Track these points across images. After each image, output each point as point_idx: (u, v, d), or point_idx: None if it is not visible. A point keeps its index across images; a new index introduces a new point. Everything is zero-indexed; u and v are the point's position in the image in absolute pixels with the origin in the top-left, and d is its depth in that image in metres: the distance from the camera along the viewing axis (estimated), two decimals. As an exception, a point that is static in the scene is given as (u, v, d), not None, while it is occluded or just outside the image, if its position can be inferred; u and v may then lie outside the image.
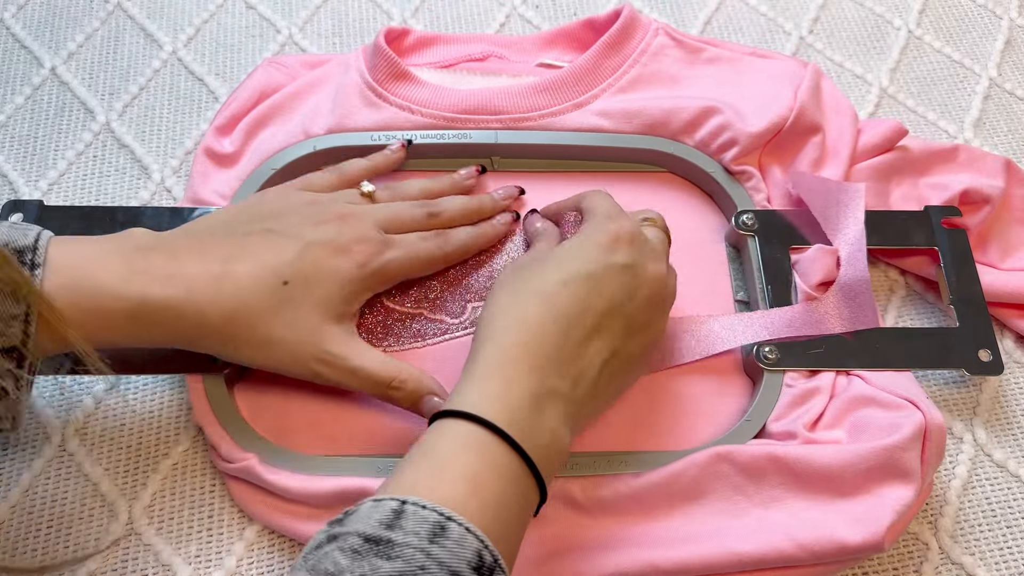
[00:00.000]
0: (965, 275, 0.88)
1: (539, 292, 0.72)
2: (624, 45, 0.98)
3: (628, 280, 0.74)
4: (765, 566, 0.75)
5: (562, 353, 0.70)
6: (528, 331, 0.70)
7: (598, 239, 0.75)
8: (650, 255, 0.77)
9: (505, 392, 0.66)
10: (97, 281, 0.70)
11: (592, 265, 0.73)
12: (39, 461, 0.82)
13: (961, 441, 0.86)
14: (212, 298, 0.73)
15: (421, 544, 0.55)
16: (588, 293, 0.72)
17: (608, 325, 0.72)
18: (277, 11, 1.11)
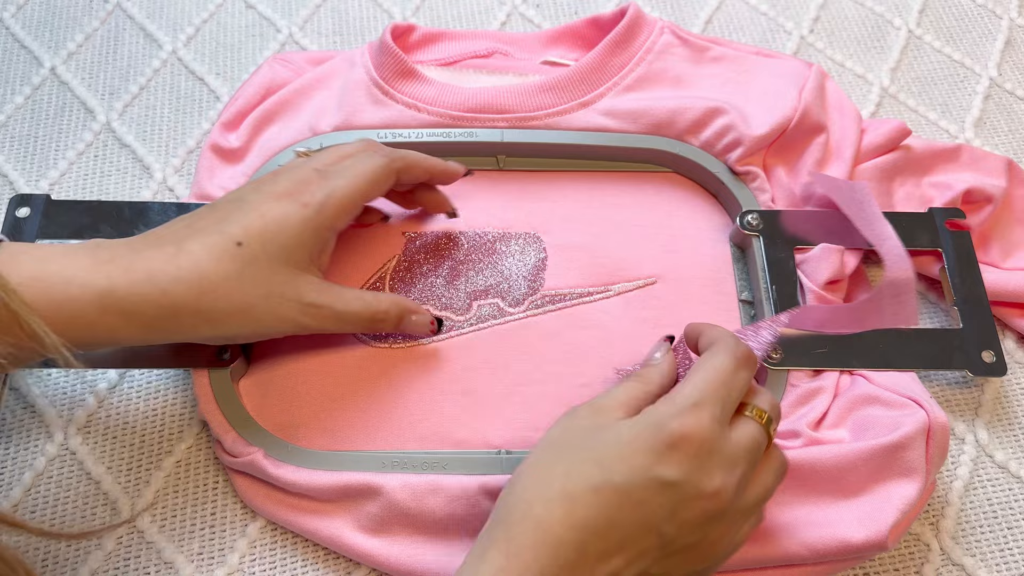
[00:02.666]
0: (969, 276, 0.88)
1: (566, 493, 0.63)
2: (630, 43, 0.98)
3: (670, 498, 0.63)
4: (769, 564, 0.75)
5: (576, 567, 0.61)
6: (542, 536, 0.62)
7: (653, 440, 0.64)
8: (714, 467, 0.64)
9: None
10: (64, 270, 0.68)
11: (631, 475, 0.63)
12: (41, 460, 0.82)
13: (963, 442, 0.86)
14: (173, 276, 0.70)
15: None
16: (619, 507, 0.62)
17: (634, 544, 0.63)
18: (277, 10, 1.11)
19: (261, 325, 0.74)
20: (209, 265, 0.71)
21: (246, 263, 0.72)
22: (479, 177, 0.94)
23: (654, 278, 0.89)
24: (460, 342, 0.86)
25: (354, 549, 0.76)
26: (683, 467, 0.63)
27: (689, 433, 0.63)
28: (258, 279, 0.73)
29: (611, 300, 0.88)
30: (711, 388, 0.66)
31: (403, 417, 0.82)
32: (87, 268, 0.69)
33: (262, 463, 0.77)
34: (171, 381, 0.85)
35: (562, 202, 0.93)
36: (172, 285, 0.70)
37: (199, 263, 0.71)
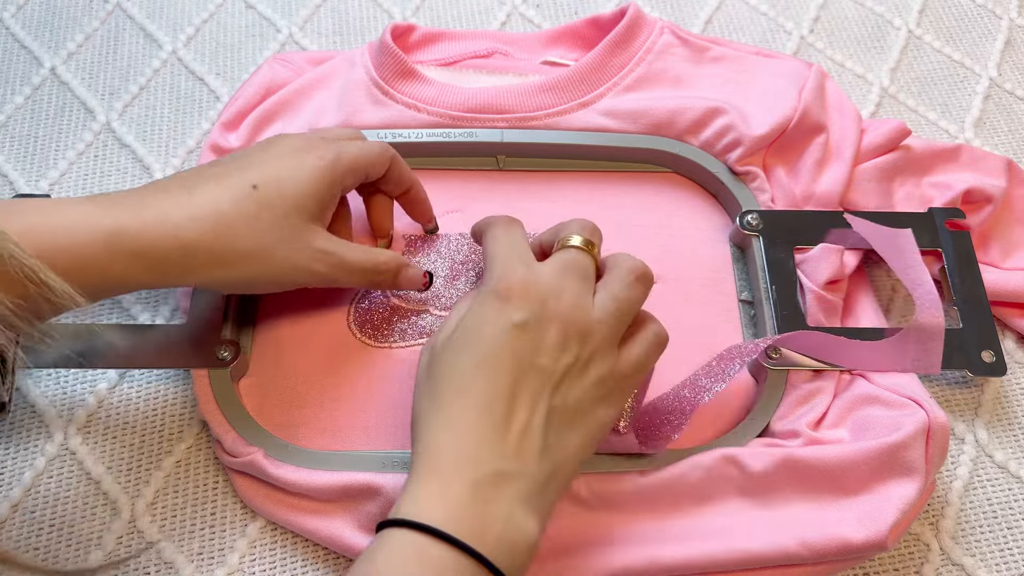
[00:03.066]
0: (969, 276, 0.88)
1: (456, 387, 0.68)
2: (630, 43, 0.98)
3: (529, 335, 0.68)
4: (769, 564, 0.75)
5: (493, 434, 0.65)
6: (452, 427, 0.66)
7: (491, 301, 0.70)
8: (545, 295, 0.70)
9: (442, 491, 0.63)
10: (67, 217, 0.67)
11: (491, 337, 0.68)
12: (41, 459, 0.82)
13: (963, 442, 0.86)
14: (187, 214, 0.71)
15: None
16: (496, 366, 0.67)
17: (525, 387, 0.67)
18: (277, 10, 1.11)
19: (274, 269, 0.75)
20: (225, 204, 0.72)
21: (262, 206, 0.73)
22: (479, 177, 0.94)
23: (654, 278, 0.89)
24: (460, 342, 0.85)
25: (354, 549, 0.76)
26: (523, 306, 0.69)
27: (510, 283, 0.70)
28: (273, 222, 0.74)
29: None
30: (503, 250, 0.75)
31: (403, 417, 0.82)
32: (92, 213, 0.68)
33: (262, 463, 0.77)
34: (171, 381, 0.85)
35: (562, 202, 0.93)
36: (187, 223, 0.70)
37: (215, 201, 0.72)
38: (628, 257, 0.75)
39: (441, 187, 0.91)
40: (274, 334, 0.86)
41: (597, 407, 0.71)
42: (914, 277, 0.85)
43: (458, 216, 0.92)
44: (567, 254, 0.74)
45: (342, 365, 0.84)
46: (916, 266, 0.86)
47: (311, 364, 0.84)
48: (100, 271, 0.67)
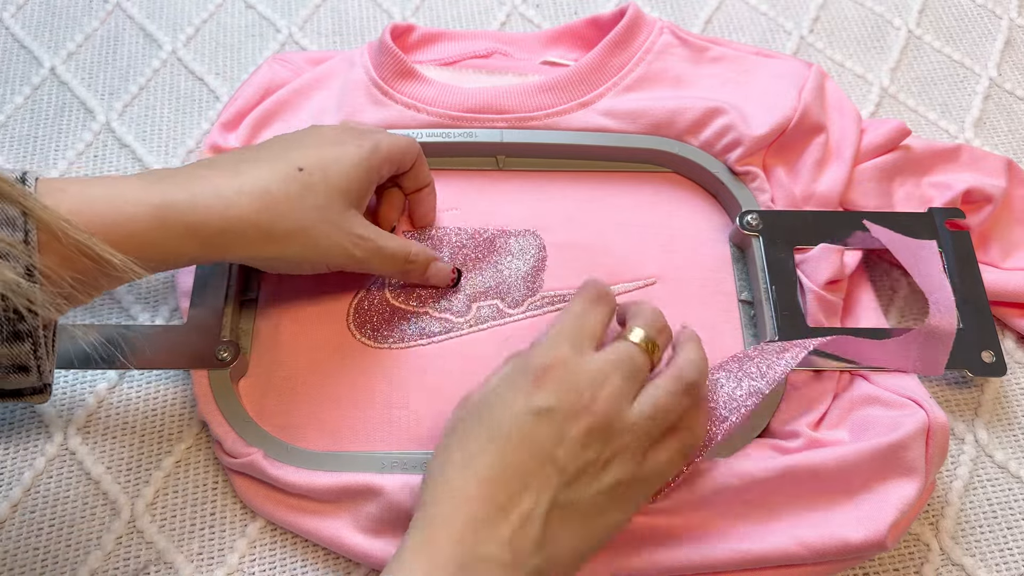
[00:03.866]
0: (968, 277, 0.88)
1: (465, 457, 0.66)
2: (629, 43, 0.98)
3: (552, 424, 0.66)
4: (768, 564, 0.75)
5: (491, 519, 0.64)
6: (454, 498, 0.64)
7: (522, 379, 0.68)
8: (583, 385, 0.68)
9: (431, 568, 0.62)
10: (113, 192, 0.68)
11: (512, 416, 0.67)
12: (41, 459, 0.82)
13: (963, 442, 0.86)
14: (236, 189, 0.72)
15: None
16: (511, 450, 0.66)
17: (537, 478, 0.65)
18: (277, 10, 1.11)
19: (316, 250, 0.77)
20: (273, 184, 0.74)
21: (306, 188, 0.75)
22: (479, 177, 0.94)
23: (654, 278, 0.89)
24: (460, 343, 0.86)
25: (354, 550, 0.76)
26: (553, 392, 0.67)
27: (550, 364, 0.68)
28: (316, 205, 0.75)
29: (612, 300, 0.88)
30: (566, 326, 0.72)
31: (403, 418, 0.82)
32: (138, 188, 0.69)
33: (262, 464, 0.77)
34: (171, 381, 0.85)
35: (562, 202, 0.93)
36: (236, 198, 0.72)
37: (262, 180, 0.74)
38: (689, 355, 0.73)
39: (441, 187, 0.91)
40: (274, 335, 0.86)
41: (608, 510, 0.69)
42: (934, 283, 0.85)
43: (456, 213, 0.92)
44: (624, 348, 0.71)
45: (342, 366, 0.84)
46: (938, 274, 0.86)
47: (311, 365, 0.84)
48: (149, 244, 0.68)
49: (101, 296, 0.77)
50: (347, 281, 0.87)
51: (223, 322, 0.83)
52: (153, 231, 0.68)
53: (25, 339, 0.63)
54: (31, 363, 0.65)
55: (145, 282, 0.90)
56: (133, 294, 0.90)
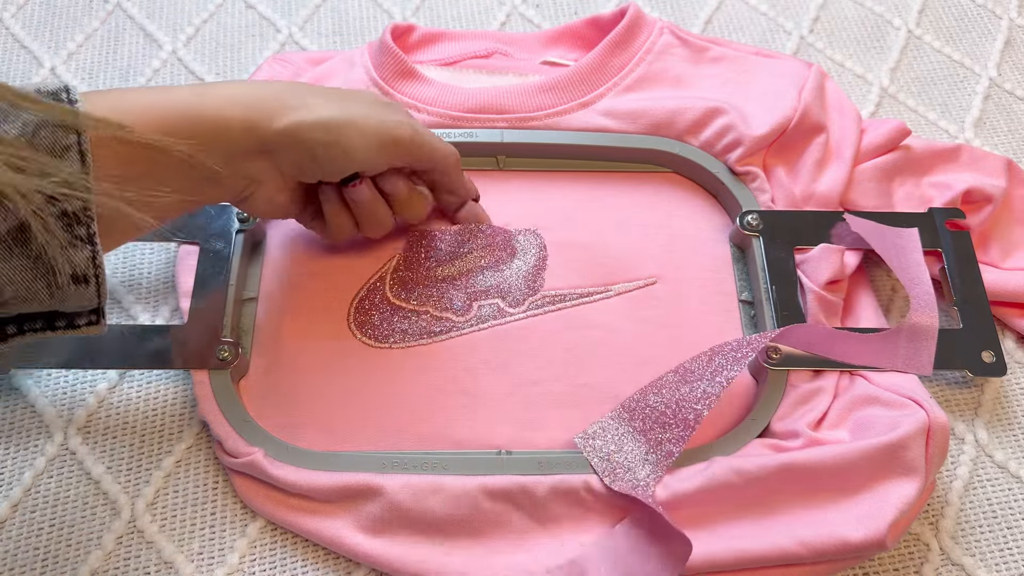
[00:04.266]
0: (968, 276, 0.88)
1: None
2: (630, 44, 0.98)
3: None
4: (768, 564, 0.74)
5: None
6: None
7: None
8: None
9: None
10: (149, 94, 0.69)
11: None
12: (41, 459, 0.82)
13: (963, 442, 0.86)
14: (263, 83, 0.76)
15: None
16: None
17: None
18: (277, 10, 1.11)
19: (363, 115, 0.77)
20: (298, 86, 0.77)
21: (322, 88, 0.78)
22: (479, 177, 0.93)
23: (654, 278, 0.89)
24: (460, 342, 0.86)
25: (354, 550, 0.76)
26: None
27: None
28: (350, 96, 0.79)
29: (611, 300, 0.88)
30: None
31: (403, 417, 0.82)
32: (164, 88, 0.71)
33: (262, 463, 0.77)
34: (171, 381, 0.85)
35: (562, 202, 0.93)
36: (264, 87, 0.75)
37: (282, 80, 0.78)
38: None
39: None
40: (274, 335, 0.86)
41: None
42: (913, 276, 0.85)
43: None
44: None
45: (342, 366, 0.84)
46: (916, 266, 0.86)
47: (311, 364, 0.84)
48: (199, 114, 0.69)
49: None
50: (348, 281, 0.88)
51: (223, 322, 0.83)
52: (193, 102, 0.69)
53: (84, 245, 0.62)
54: (91, 272, 0.63)
55: (145, 282, 0.90)
56: (133, 295, 0.90)
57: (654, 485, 0.75)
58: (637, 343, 0.86)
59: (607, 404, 0.82)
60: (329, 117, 0.74)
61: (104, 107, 0.64)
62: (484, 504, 0.76)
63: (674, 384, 0.80)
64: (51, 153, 0.59)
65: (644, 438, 0.78)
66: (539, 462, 0.78)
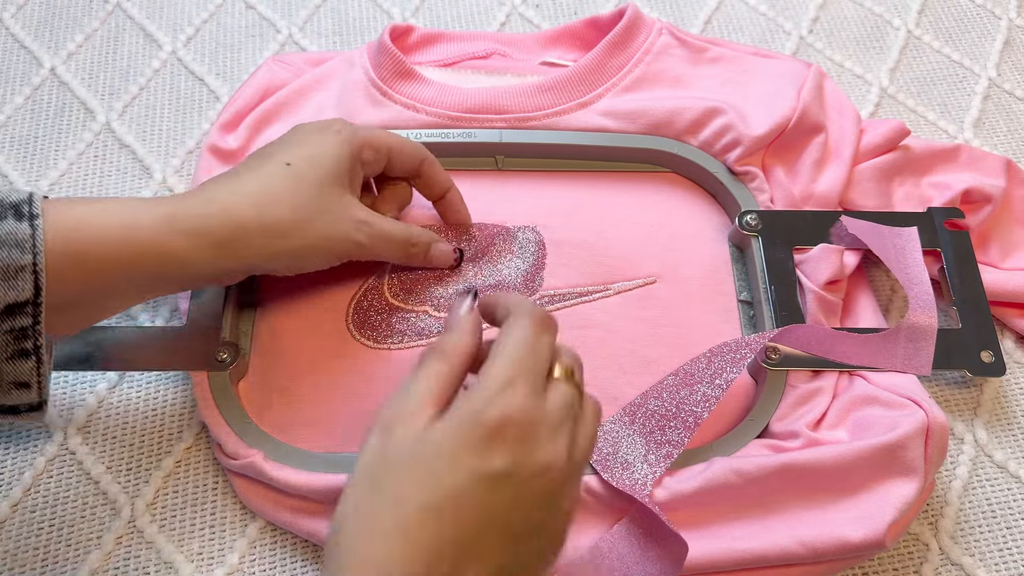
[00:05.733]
0: (968, 276, 0.88)
1: (399, 524, 0.56)
2: (628, 44, 0.98)
3: (507, 489, 0.58)
4: (767, 564, 0.75)
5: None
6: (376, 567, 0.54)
7: (473, 436, 0.58)
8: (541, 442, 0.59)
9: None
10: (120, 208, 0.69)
11: (460, 482, 0.57)
12: (41, 459, 0.82)
13: (962, 442, 0.86)
14: (230, 191, 0.74)
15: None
16: (458, 520, 0.56)
17: (487, 546, 0.57)
18: (277, 11, 1.11)
19: (323, 239, 0.77)
20: (265, 182, 0.75)
21: (298, 179, 0.76)
22: (478, 177, 0.94)
23: (653, 278, 0.89)
24: (459, 343, 0.85)
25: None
26: (510, 454, 0.58)
27: (507, 416, 0.58)
28: (311, 194, 0.76)
29: (610, 300, 0.88)
30: (519, 361, 0.62)
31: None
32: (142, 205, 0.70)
33: (262, 465, 0.77)
34: (171, 381, 0.86)
35: (561, 202, 0.93)
36: (232, 200, 0.73)
37: (253, 181, 0.75)
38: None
39: None
40: (273, 336, 0.86)
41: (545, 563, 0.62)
42: (911, 276, 0.85)
43: None
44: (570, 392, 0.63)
45: (341, 367, 0.84)
46: (915, 265, 0.86)
47: (310, 366, 0.84)
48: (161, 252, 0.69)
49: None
50: (346, 281, 0.88)
51: (223, 323, 0.83)
52: (165, 238, 0.69)
53: (29, 356, 0.64)
54: (32, 380, 0.65)
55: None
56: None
57: (652, 485, 0.75)
58: (636, 342, 0.86)
59: (606, 404, 0.82)
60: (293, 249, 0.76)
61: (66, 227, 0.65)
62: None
63: (674, 387, 0.80)
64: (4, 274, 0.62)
65: (644, 440, 0.78)
66: (538, 463, 0.78)
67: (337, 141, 0.79)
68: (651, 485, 0.75)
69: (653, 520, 0.74)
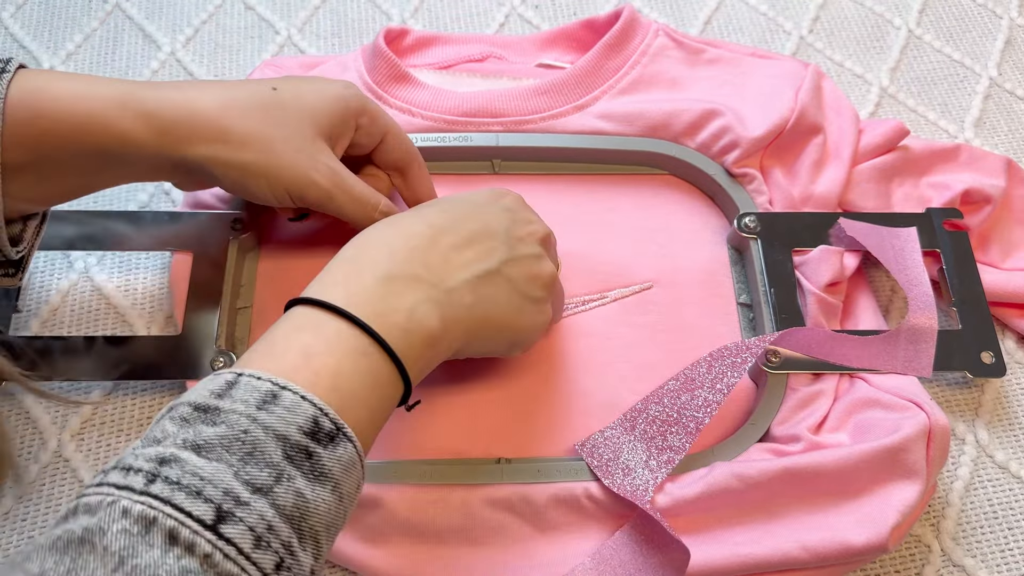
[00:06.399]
0: (967, 277, 0.88)
1: (415, 212, 0.74)
2: (624, 46, 0.98)
3: (507, 217, 0.75)
4: (770, 569, 0.75)
5: (429, 251, 0.69)
6: (394, 230, 0.71)
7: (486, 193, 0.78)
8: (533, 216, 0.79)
9: (353, 277, 0.66)
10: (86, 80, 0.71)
11: (477, 197, 0.76)
12: (35, 467, 0.81)
13: (963, 443, 0.86)
14: (200, 89, 0.74)
15: (248, 411, 0.55)
16: (465, 213, 0.73)
17: (485, 243, 0.72)
18: (276, 12, 1.11)
19: (273, 164, 0.75)
20: (240, 92, 0.75)
21: (276, 103, 0.76)
22: (474, 181, 0.94)
23: (651, 282, 0.88)
24: (459, 352, 0.85)
25: (353, 560, 0.76)
26: (514, 205, 0.78)
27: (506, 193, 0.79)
28: (282, 120, 0.76)
29: (608, 307, 0.87)
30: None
31: (401, 427, 0.82)
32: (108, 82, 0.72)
33: (258, 475, 0.76)
34: (165, 389, 0.85)
35: (558, 206, 0.92)
36: (199, 95, 0.73)
37: (230, 88, 0.76)
38: None
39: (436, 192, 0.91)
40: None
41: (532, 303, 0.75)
42: (911, 277, 0.85)
43: None
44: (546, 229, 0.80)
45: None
46: (914, 266, 0.85)
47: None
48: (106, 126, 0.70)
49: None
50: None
51: (217, 331, 0.83)
52: (112, 111, 0.70)
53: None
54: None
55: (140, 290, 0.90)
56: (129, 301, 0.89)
57: (653, 491, 0.75)
58: (635, 349, 0.86)
59: (606, 411, 0.82)
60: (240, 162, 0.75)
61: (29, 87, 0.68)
62: (484, 513, 0.76)
63: (675, 392, 0.80)
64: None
65: (645, 446, 0.78)
66: (539, 470, 0.78)
67: (336, 92, 0.79)
68: (652, 491, 0.75)
69: (655, 526, 0.74)
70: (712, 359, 0.80)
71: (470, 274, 0.70)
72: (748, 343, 0.80)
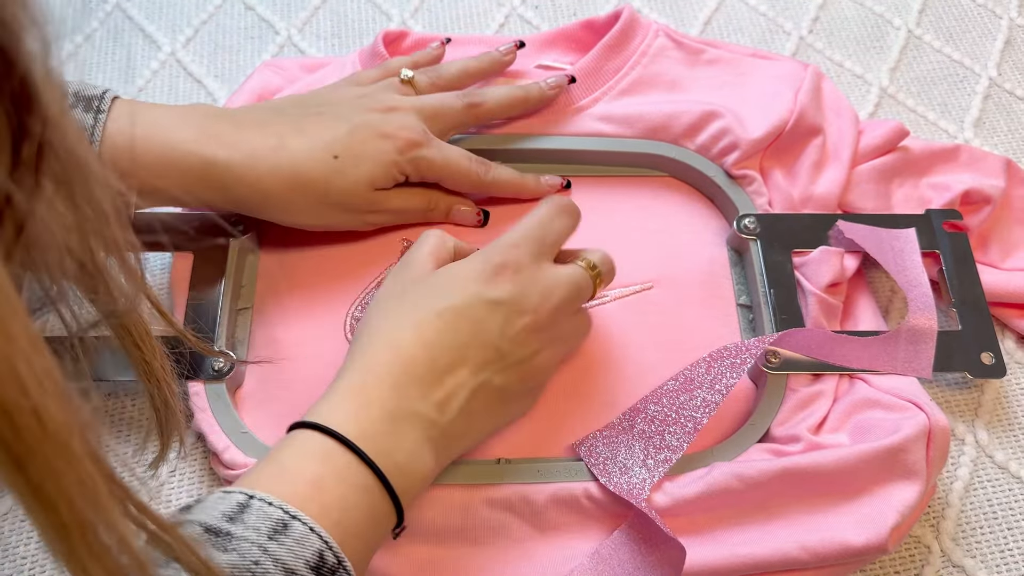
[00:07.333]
0: (966, 278, 0.88)
1: (414, 320, 0.73)
2: (624, 47, 0.98)
3: (500, 315, 0.74)
4: (770, 569, 0.75)
5: (427, 379, 0.71)
6: (396, 355, 0.71)
7: (480, 269, 0.76)
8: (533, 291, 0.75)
9: (362, 408, 0.68)
10: (170, 136, 0.78)
11: (466, 298, 0.74)
12: (37, 467, 0.81)
13: (963, 443, 0.86)
14: (272, 166, 0.80)
15: (259, 540, 0.56)
16: (459, 327, 0.73)
17: (476, 356, 0.73)
18: (276, 12, 1.11)
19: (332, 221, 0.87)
20: (305, 166, 0.81)
21: (335, 172, 0.82)
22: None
23: (651, 283, 0.88)
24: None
25: (352, 558, 0.76)
26: (507, 288, 0.74)
27: (509, 262, 0.75)
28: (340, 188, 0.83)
29: (608, 307, 0.87)
30: (528, 231, 0.78)
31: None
32: (192, 138, 0.79)
33: (258, 475, 0.76)
34: (167, 388, 0.85)
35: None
36: (269, 175, 0.81)
37: (296, 163, 0.81)
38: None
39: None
40: (270, 345, 0.86)
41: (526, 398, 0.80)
42: (910, 278, 0.85)
43: None
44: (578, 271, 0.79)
45: (339, 375, 0.84)
46: (914, 267, 0.85)
47: (308, 375, 0.84)
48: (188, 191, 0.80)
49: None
50: (343, 290, 0.88)
51: (218, 332, 0.83)
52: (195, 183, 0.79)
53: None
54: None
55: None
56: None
57: (651, 490, 0.75)
58: (634, 349, 0.86)
59: (606, 411, 0.82)
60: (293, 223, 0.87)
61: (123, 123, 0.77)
62: (484, 513, 0.77)
63: (674, 392, 0.80)
64: None
65: (642, 445, 0.78)
66: (538, 470, 0.78)
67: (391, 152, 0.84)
68: (649, 490, 0.75)
69: (652, 525, 0.74)
70: (711, 360, 0.80)
71: (463, 398, 0.72)
72: (748, 344, 0.80)
